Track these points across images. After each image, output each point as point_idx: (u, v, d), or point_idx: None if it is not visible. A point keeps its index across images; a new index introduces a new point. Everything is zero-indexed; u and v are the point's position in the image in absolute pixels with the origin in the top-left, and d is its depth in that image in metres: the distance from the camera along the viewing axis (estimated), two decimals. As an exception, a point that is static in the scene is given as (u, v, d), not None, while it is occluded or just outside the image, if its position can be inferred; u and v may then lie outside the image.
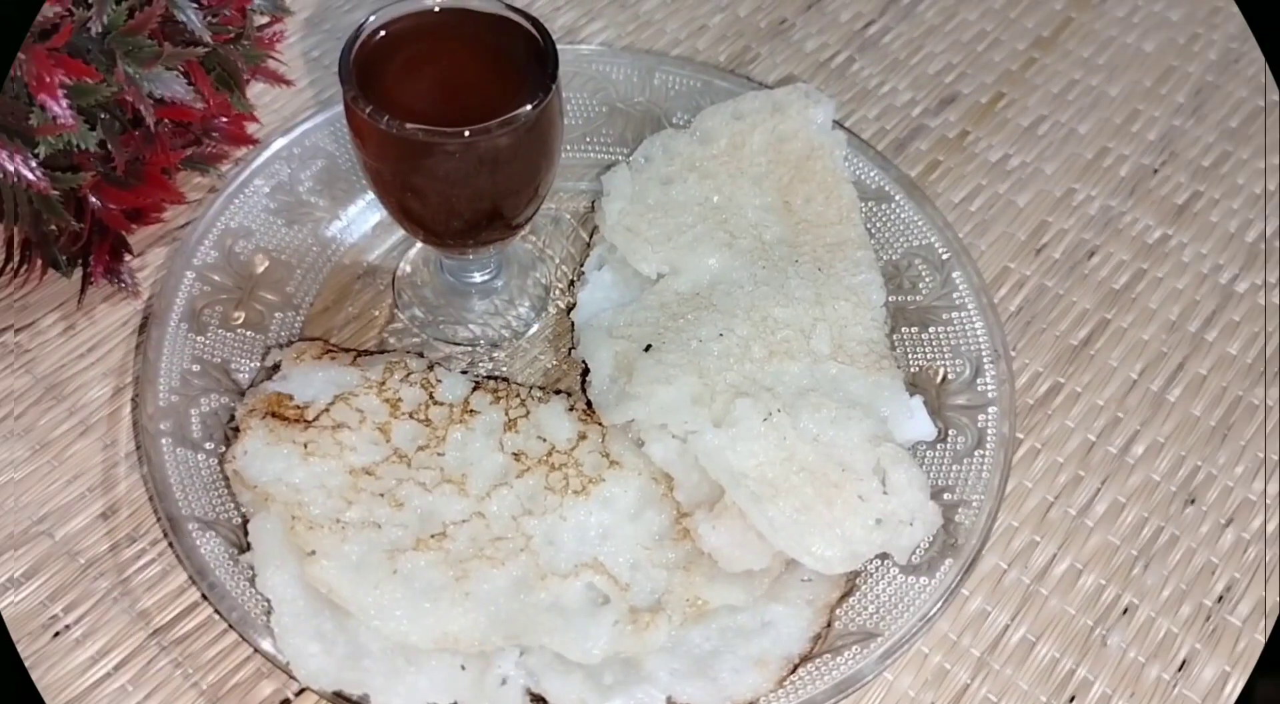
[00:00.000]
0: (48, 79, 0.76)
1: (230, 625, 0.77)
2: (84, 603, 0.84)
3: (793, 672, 0.77)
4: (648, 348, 0.89)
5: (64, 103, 0.78)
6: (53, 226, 0.87)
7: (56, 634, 0.82)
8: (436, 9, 0.83)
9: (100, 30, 0.79)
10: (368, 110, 0.76)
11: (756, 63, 1.21)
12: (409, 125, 0.75)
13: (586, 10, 1.24)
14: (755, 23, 1.25)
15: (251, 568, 0.78)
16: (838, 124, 1.04)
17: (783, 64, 1.21)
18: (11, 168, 0.79)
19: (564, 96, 1.07)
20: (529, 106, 0.77)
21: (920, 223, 1.01)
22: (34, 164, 0.80)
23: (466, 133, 0.76)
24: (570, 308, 0.96)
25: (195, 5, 0.84)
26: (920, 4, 1.28)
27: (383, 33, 0.81)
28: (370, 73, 0.79)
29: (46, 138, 0.80)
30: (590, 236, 1.02)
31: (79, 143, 0.80)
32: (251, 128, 1.04)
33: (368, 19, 0.81)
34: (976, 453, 0.88)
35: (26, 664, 0.80)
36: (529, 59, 0.81)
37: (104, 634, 0.83)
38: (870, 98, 1.19)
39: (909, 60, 1.23)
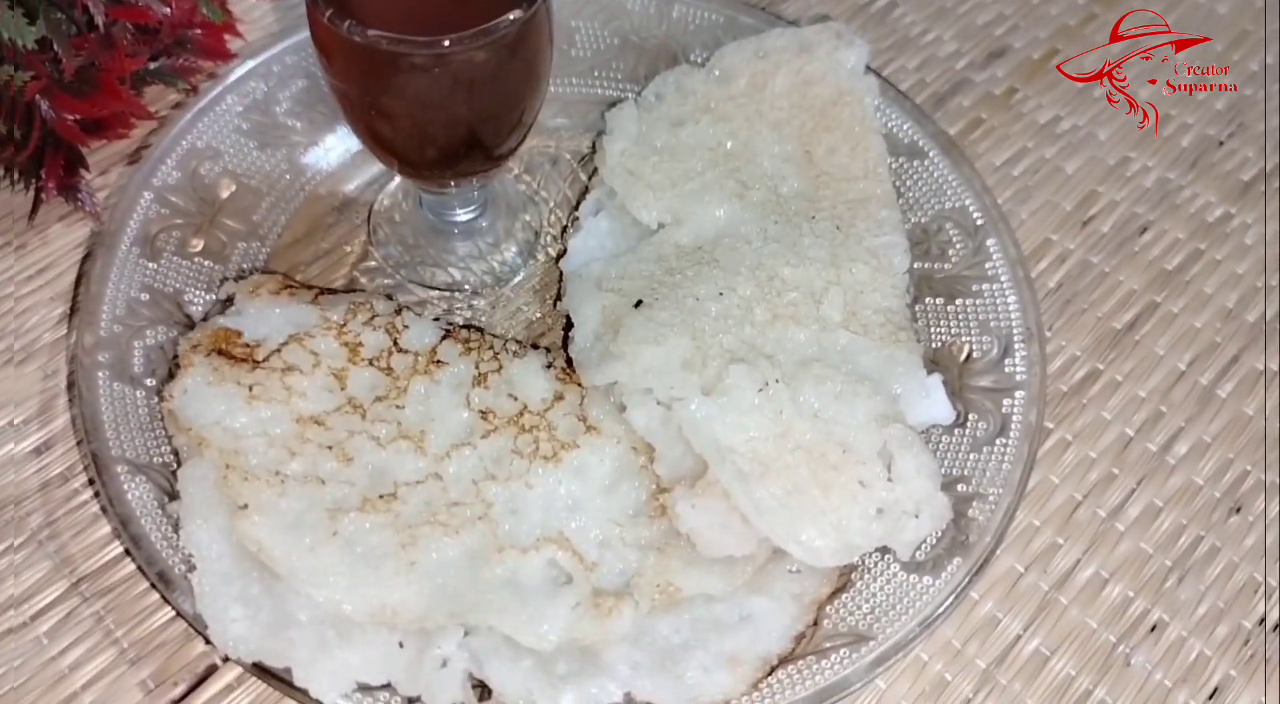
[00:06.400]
0: (-24, -38, 0.68)
1: (151, 582, 0.70)
2: (5, 542, 0.77)
3: (769, 674, 0.69)
4: (638, 303, 0.80)
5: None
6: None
7: (-27, 576, 0.76)
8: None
9: (43, -87, 0.71)
10: (328, 14, 0.67)
11: (790, 0, 1.11)
12: (373, 33, 0.66)
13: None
14: (792, -43, 1.15)
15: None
16: (873, 70, 0.94)
17: (819, 4, 1.11)
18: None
19: (573, 25, 1.00)
20: (510, 15, 0.68)
21: (955, 183, 0.91)
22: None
23: (445, 42, 0.67)
24: (561, 256, 0.87)
25: (156, -108, 0.76)
26: (975, -53, 1.17)
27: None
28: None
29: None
30: (590, 179, 0.93)
31: (14, 38, 0.72)
32: (234, 44, 0.96)
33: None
34: (998, 441, 0.79)
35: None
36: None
37: (25, 579, 0.76)
38: (911, 47, 1.09)
39: (957, 9, 1.13)
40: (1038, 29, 1.11)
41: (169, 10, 0.81)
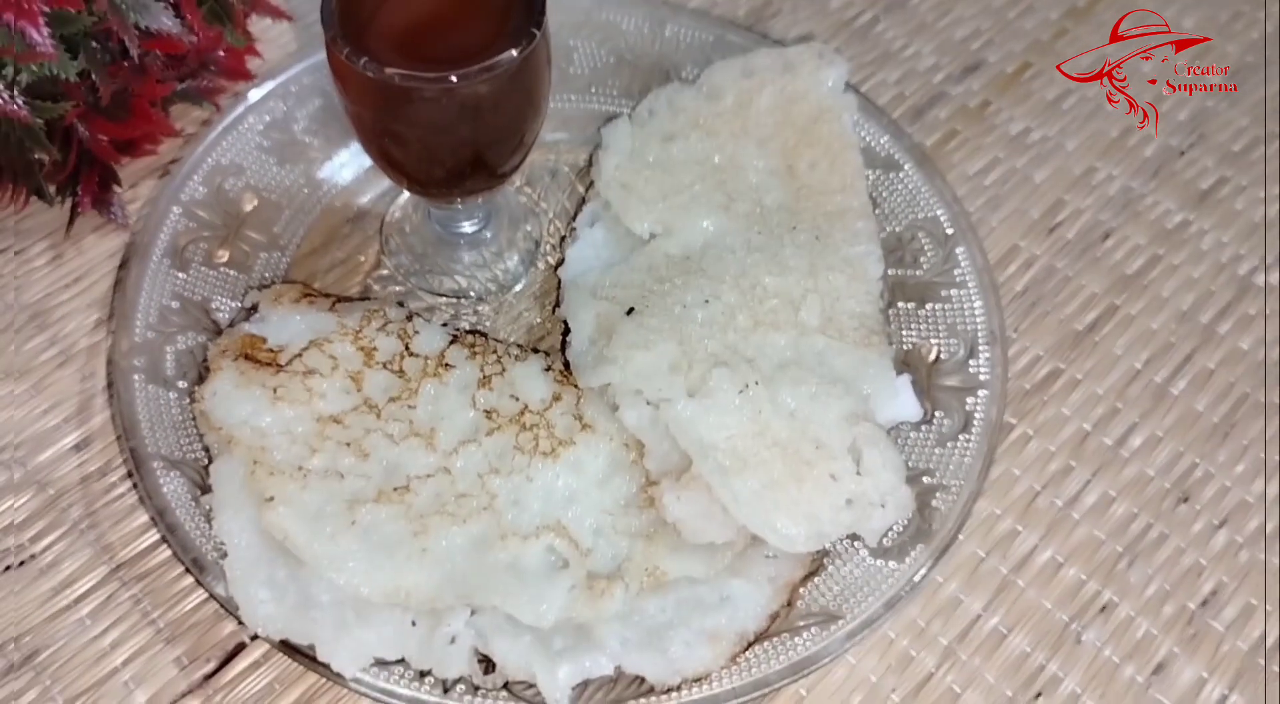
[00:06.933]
0: (27, 5, 0.75)
1: (186, 567, 0.77)
2: (51, 533, 0.84)
3: (746, 649, 0.76)
4: (630, 311, 0.86)
5: (45, 31, 0.76)
6: (37, 156, 0.86)
7: (23, 563, 0.83)
8: (426, -54, 0.80)
9: (84, -44, 0.78)
10: (346, 52, 0.73)
11: (777, 18, 1.17)
12: (388, 69, 0.73)
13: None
14: (780, -26, 1.21)
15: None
16: (851, 87, 1.00)
17: (804, 21, 1.17)
18: (-7, 96, 0.77)
19: (571, 44, 1.06)
20: (512, 52, 0.74)
21: (928, 194, 0.98)
22: (14, 93, 0.79)
23: (453, 78, 0.73)
24: (560, 264, 0.94)
25: (184, -66, 0.82)
26: (953, -35, 1.23)
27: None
28: (354, 12, 0.76)
29: (30, 66, 0.78)
30: (587, 191, 1.00)
31: (60, 72, 0.78)
32: (253, 63, 1.02)
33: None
34: (961, 437, 0.86)
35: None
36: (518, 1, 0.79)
37: (68, 566, 0.83)
38: (892, 61, 1.15)
39: (936, 23, 1.18)
40: (1012, 43, 1.17)
41: (196, 39, 0.87)
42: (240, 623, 0.74)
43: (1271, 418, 0.93)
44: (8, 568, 0.82)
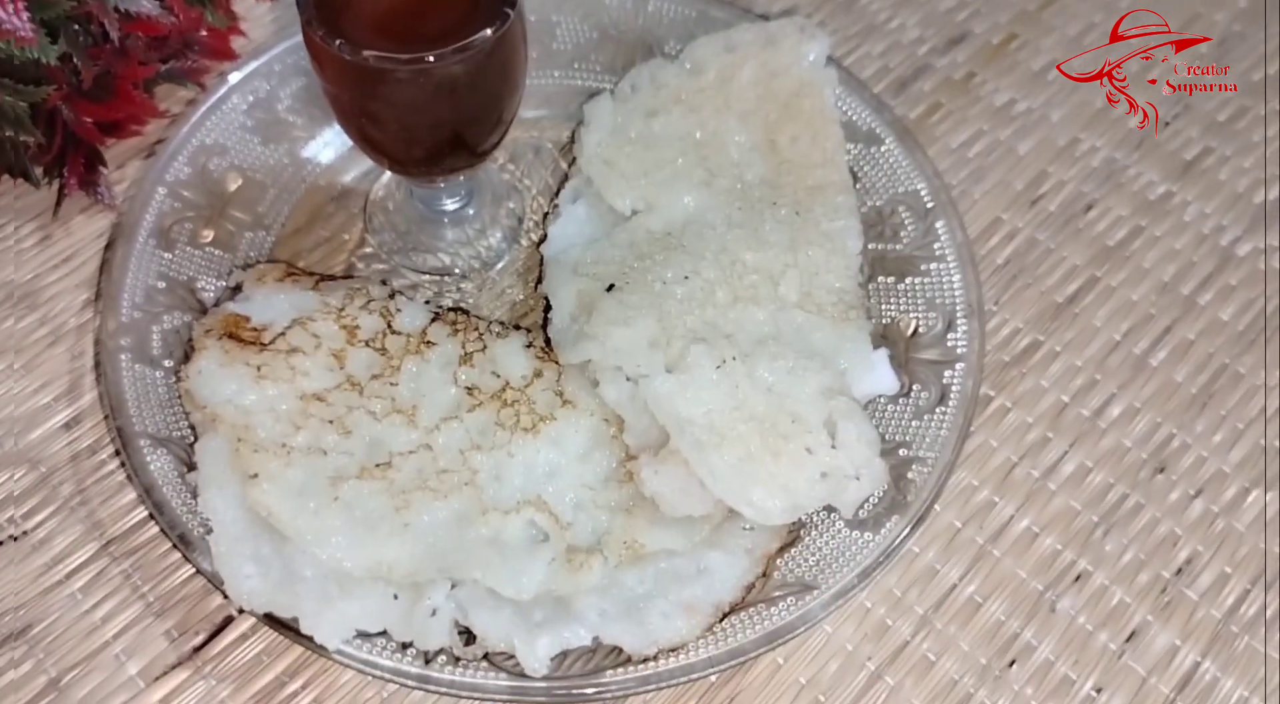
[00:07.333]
0: (4, -11, 0.75)
1: (173, 543, 0.78)
2: (43, 510, 0.85)
3: (721, 620, 0.77)
4: (610, 287, 0.87)
5: (25, 15, 0.77)
6: (22, 138, 0.87)
7: (15, 538, 0.84)
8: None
9: (61, -60, 0.78)
10: (320, 34, 0.74)
11: (761, -9, 1.18)
12: (363, 51, 0.73)
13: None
14: (764, -52, 1.21)
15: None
16: (834, 61, 1.00)
17: (789, -7, 1.17)
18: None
19: (554, 19, 1.06)
20: (487, 31, 0.75)
21: (909, 169, 0.98)
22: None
23: (429, 59, 0.74)
24: (542, 240, 0.95)
25: (162, -84, 0.82)
26: (940, -65, 1.22)
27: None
28: (329, -7, 0.77)
29: (15, 51, 0.79)
30: (569, 167, 1.00)
31: (40, 56, 0.79)
32: (238, 43, 1.03)
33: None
34: (938, 409, 0.87)
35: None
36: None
37: (59, 542, 0.84)
38: (877, 33, 1.15)
39: (922, -6, 1.18)
40: (997, 14, 1.17)
41: (177, 20, 0.87)
42: (225, 597, 0.76)
43: (1247, 386, 0.94)
44: (0, 543, 0.84)
